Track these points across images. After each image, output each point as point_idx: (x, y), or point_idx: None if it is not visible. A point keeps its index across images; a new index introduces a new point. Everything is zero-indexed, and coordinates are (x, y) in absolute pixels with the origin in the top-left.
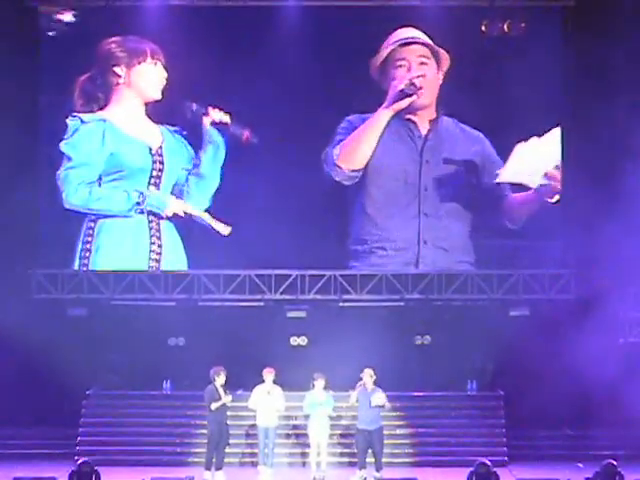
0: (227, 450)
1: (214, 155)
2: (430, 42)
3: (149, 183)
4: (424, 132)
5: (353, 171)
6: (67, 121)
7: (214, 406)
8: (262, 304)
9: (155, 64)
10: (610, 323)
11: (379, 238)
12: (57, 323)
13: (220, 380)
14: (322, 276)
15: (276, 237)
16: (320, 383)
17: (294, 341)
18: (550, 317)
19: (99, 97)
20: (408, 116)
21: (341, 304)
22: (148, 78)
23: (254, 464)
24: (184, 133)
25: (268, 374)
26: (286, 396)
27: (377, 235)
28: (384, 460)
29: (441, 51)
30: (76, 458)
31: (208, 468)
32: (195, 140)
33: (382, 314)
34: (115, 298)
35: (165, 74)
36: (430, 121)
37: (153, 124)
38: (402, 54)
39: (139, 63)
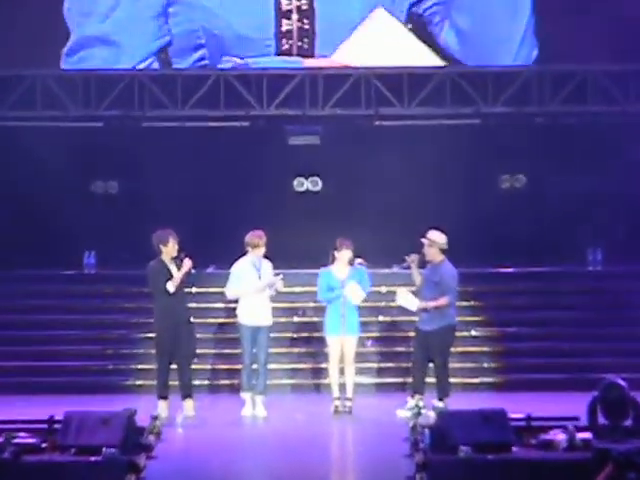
0: (194, 366)
1: None
2: None
3: None
4: None
5: None
6: None
7: (171, 287)
8: (247, 124)
9: None
10: None
11: None
12: None
13: (169, 251)
14: (348, 76)
15: None
16: (344, 255)
17: (300, 184)
18: None
19: None
20: None
21: (377, 122)
22: None
23: (234, 389)
24: None
25: (256, 248)
26: (288, 276)
27: None
28: (452, 381)
29: None
30: None
31: (162, 396)
32: None
33: (444, 137)
34: None
35: None
36: None
37: None
38: None
39: None
